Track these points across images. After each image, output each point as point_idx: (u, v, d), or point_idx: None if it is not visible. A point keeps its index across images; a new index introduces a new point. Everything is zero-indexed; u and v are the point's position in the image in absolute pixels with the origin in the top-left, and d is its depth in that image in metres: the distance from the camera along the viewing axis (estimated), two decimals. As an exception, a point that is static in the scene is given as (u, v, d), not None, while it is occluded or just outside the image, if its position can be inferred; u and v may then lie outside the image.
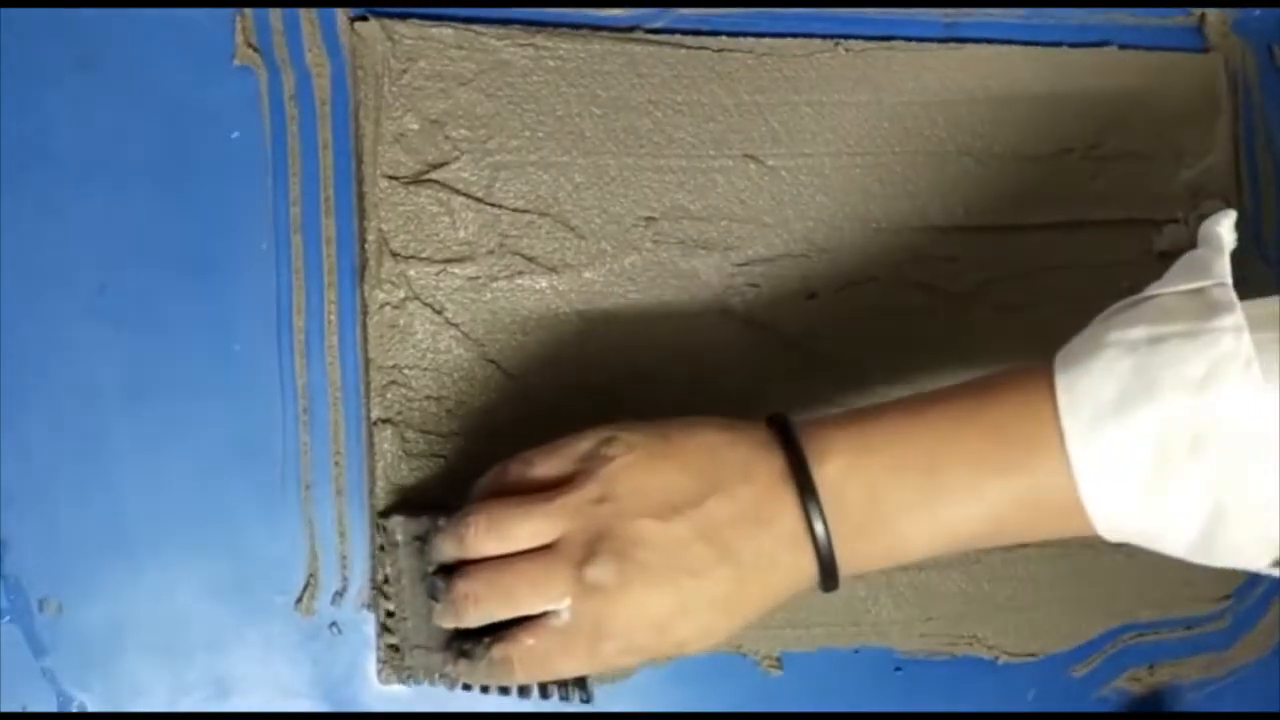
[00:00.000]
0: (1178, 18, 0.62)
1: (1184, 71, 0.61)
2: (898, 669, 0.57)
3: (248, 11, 0.50)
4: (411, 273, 0.50)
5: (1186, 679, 0.61)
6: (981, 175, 0.57)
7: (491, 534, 0.42)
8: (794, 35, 0.56)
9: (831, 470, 0.42)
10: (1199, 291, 0.41)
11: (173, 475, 0.49)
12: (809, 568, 0.42)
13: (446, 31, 0.51)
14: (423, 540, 0.46)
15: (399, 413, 0.50)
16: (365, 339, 0.50)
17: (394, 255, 0.50)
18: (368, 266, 0.50)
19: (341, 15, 0.51)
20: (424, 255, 0.51)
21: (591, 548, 0.41)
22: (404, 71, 0.51)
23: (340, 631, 0.51)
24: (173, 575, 0.49)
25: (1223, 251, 0.42)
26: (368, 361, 0.50)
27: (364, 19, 0.50)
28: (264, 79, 0.50)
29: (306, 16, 0.51)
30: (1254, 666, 0.62)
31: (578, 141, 0.52)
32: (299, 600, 0.50)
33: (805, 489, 0.41)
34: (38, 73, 0.48)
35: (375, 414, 0.50)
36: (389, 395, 0.50)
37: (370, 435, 0.50)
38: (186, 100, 0.50)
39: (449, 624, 0.44)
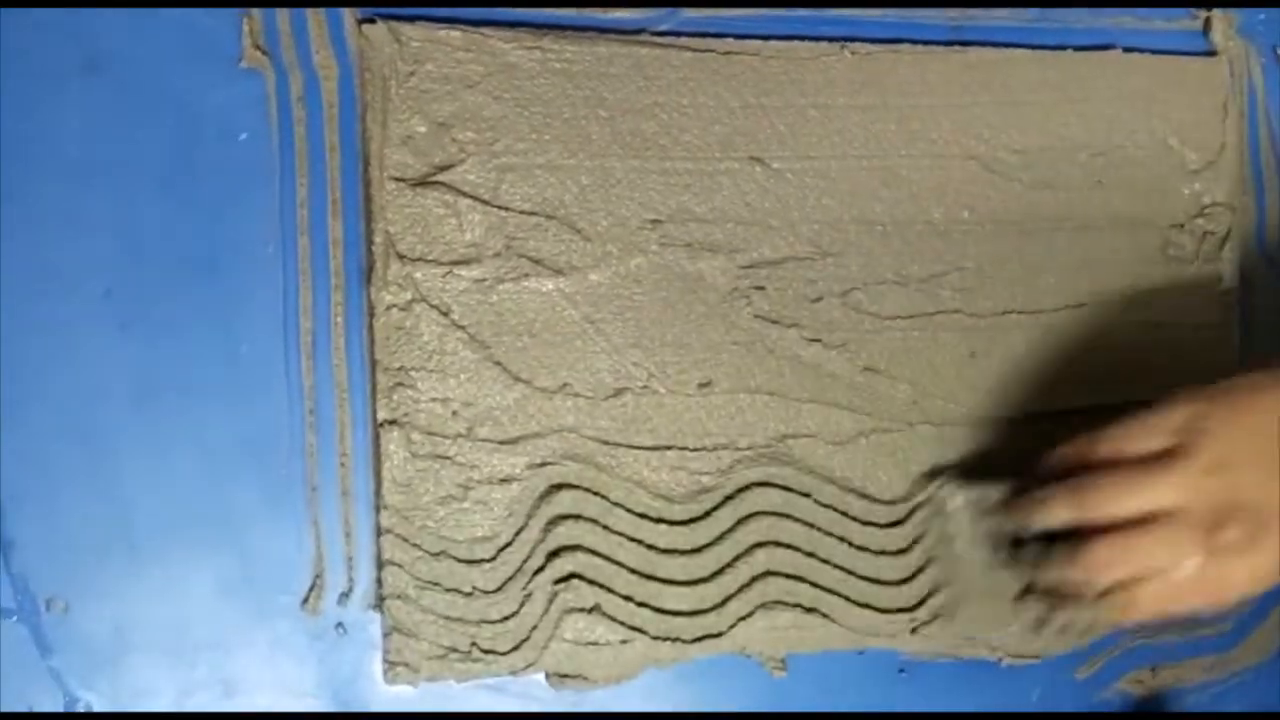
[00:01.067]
0: (1183, 20, 0.62)
1: (1189, 75, 0.61)
2: (901, 670, 0.57)
3: (255, 14, 0.50)
4: (418, 275, 0.51)
5: (1189, 681, 0.61)
6: (986, 178, 0.57)
7: (1120, 500, 0.47)
8: (800, 38, 0.56)
9: None
10: None
11: (179, 476, 0.49)
12: None
13: (454, 34, 0.51)
14: (988, 506, 0.53)
15: (405, 414, 0.50)
16: (372, 341, 0.51)
17: (401, 257, 0.50)
18: (374, 268, 0.50)
19: (349, 18, 0.51)
20: (430, 257, 0.51)
21: (1219, 515, 0.46)
22: (411, 74, 0.51)
23: (346, 632, 0.51)
24: (179, 576, 0.49)
25: None
26: (374, 363, 0.50)
27: (371, 21, 0.51)
28: (271, 81, 0.50)
29: (314, 19, 0.51)
30: (1257, 669, 0.62)
31: (584, 144, 0.52)
32: (305, 601, 0.50)
33: None
34: (44, 75, 0.49)
35: (382, 416, 0.50)
36: (395, 397, 0.50)
37: (377, 437, 0.50)
38: (193, 102, 0.50)
39: (1070, 579, 0.49)
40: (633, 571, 0.52)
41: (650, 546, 0.53)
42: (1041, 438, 0.53)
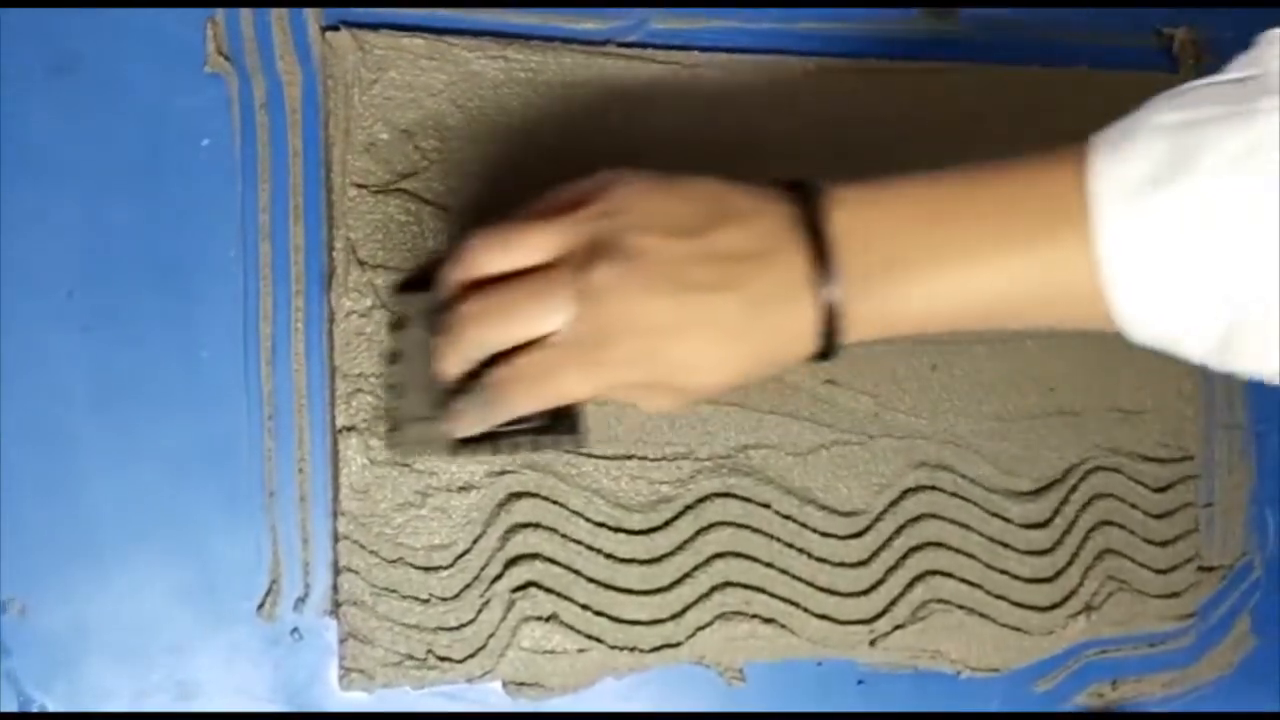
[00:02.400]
0: (1149, 38, 0.62)
1: (1155, 92, 0.61)
2: (860, 682, 0.57)
3: (219, 19, 0.50)
4: (379, 281, 0.51)
5: (1149, 695, 0.61)
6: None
7: (495, 248, 0.42)
8: (767, 52, 0.56)
9: (842, 219, 0.41)
10: (1242, 81, 0.38)
11: (138, 480, 0.49)
12: (810, 320, 0.41)
13: (418, 42, 0.51)
14: (434, 314, 0.45)
15: (364, 421, 0.50)
16: (331, 347, 0.51)
17: (361, 264, 0.50)
18: (335, 274, 0.50)
19: (313, 24, 0.51)
20: (392, 264, 0.51)
21: (592, 253, 0.40)
22: (375, 81, 0.51)
23: (302, 637, 0.51)
24: (137, 579, 0.49)
25: (1274, 43, 0.39)
26: (334, 369, 0.51)
27: (335, 28, 0.51)
28: (235, 87, 0.51)
29: (278, 25, 0.51)
30: (1217, 684, 0.62)
31: (547, 154, 0.53)
32: (261, 606, 0.50)
33: (814, 233, 0.40)
34: (10, 77, 0.48)
35: (340, 421, 0.50)
36: (354, 403, 0.50)
37: (335, 443, 0.51)
38: (158, 107, 0.50)
39: (450, 359, 0.43)
40: (591, 580, 0.53)
41: (609, 555, 0.53)
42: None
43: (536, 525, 0.52)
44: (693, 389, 0.42)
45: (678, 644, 0.53)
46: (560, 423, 0.46)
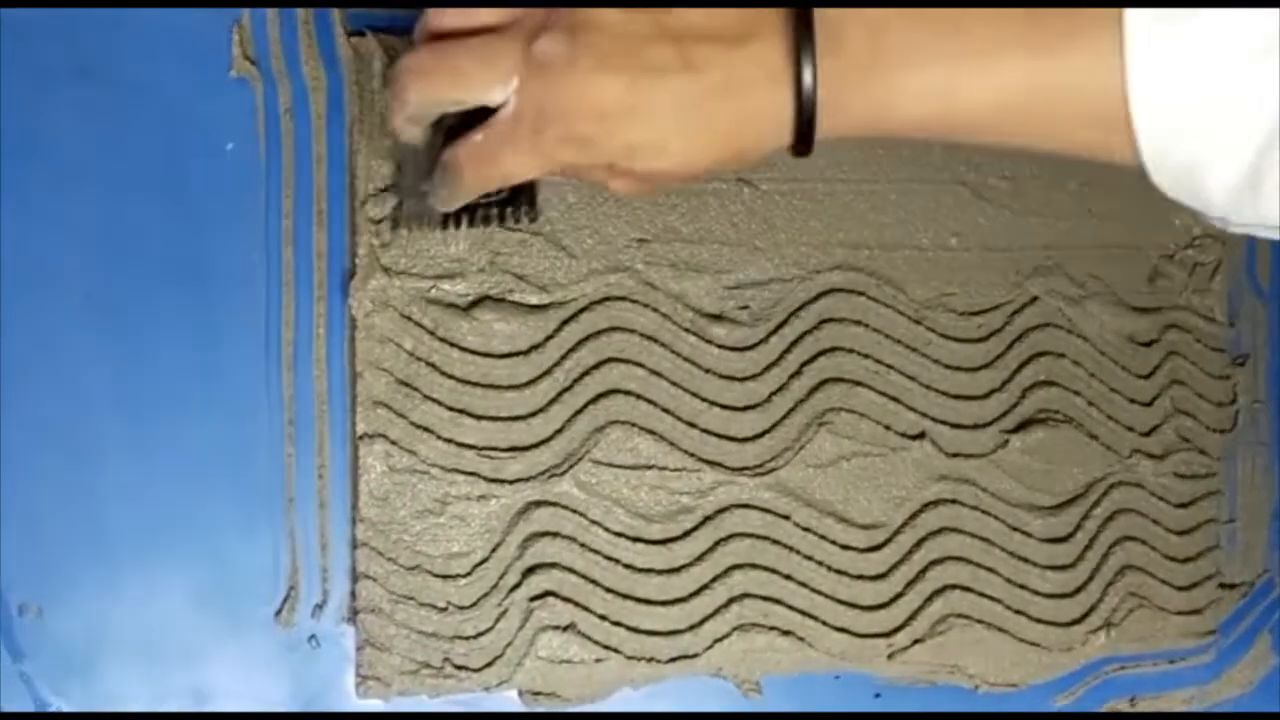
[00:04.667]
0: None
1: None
2: (877, 695, 0.57)
3: (245, 23, 0.50)
4: (401, 288, 0.50)
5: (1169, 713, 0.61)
6: (976, 203, 0.57)
7: (450, 14, 0.39)
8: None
9: (834, 11, 0.36)
10: None
11: (157, 483, 0.49)
12: (784, 108, 0.37)
13: (443, 48, 0.51)
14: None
15: (385, 428, 0.50)
16: (353, 353, 0.50)
17: (385, 270, 0.50)
18: (358, 281, 0.50)
19: (339, 29, 0.51)
20: (414, 271, 0.51)
21: (544, 23, 0.37)
22: (399, 87, 0.50)
23: (319, 645, 0.51)
24: (154, 583, 0.49)
25: None
26: (355, 376, 0.50)
27: (361, 34, 0.50)
28: (260, 91, 0.50)
29: (304, 30, 0.51)
30: (1237, 702, 0.62)
31: (571, 161, 0.52)
32: (279, 612, 0.50)
33: (798, 16, 0.36)
34: (36, 79, 0.48)
35: (361, 428, 0.50)
36: (375, 410, 0.50)
37: (355, 449, 0.50)
38: (182, 110, 0.50)
39: (395, 116, 0.40)
40: (609, 590, 0.52)
41: (628, 565, 0.53)
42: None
43: (555, 534, 0.52)
44: (654, 175, 0.38)
45: (695, 655, 0.53)
46: (519, 197, 0.44)
